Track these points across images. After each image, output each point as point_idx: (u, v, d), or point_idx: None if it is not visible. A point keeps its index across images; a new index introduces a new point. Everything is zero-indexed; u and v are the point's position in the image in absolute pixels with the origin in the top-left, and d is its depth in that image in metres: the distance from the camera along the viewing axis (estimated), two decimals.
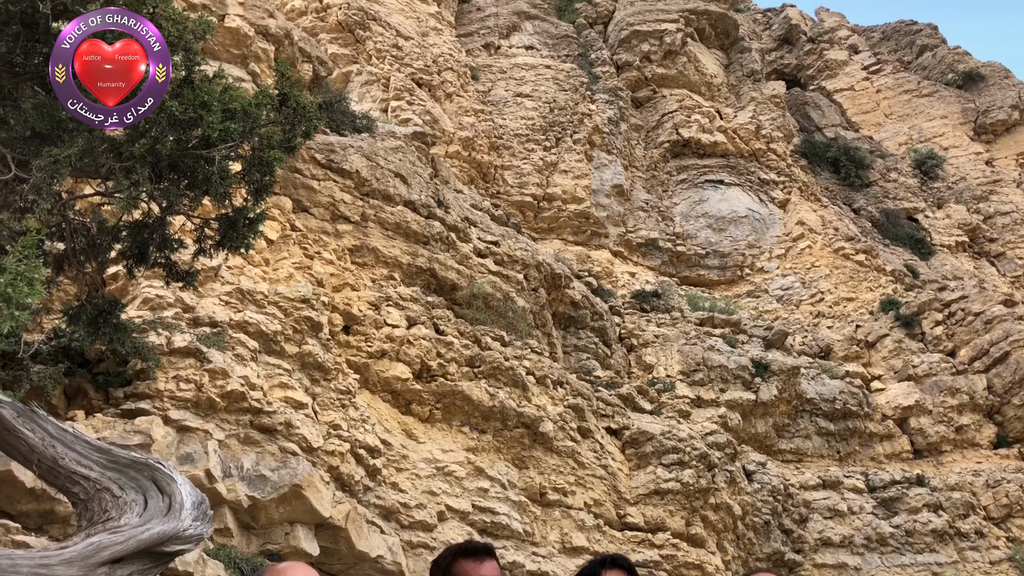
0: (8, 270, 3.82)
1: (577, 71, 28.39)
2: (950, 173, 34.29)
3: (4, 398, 5.65)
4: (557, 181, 25.27)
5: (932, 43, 43.00)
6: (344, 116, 18.42)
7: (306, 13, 24.48)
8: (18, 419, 4.86)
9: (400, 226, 15.83)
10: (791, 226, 26.90)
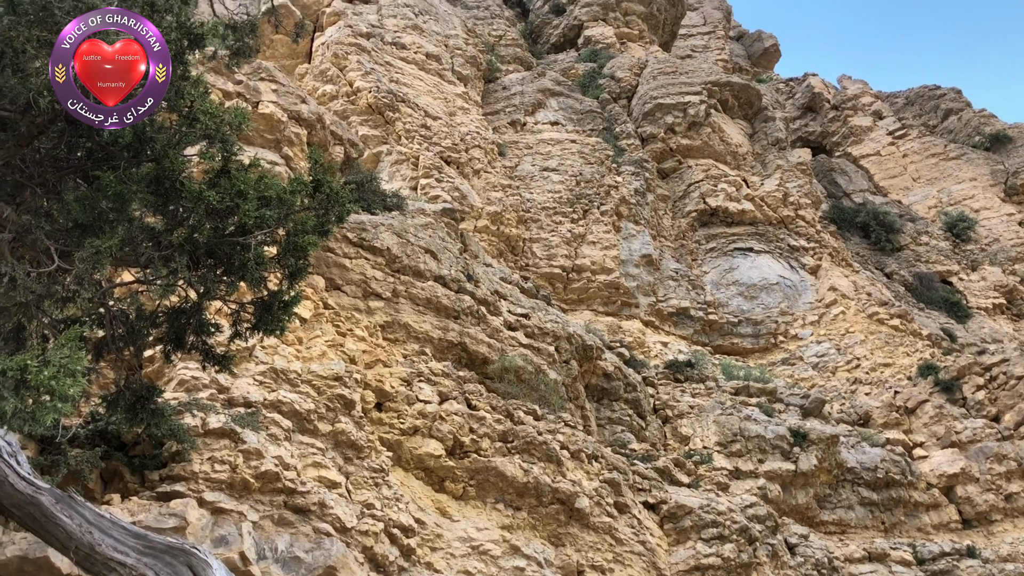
0: (52, 363, 3.91)
1: (602, 144, 28.76)
2: (982, 235, 33.98)
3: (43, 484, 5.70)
4: (585, 252, 25.39)
5: (957, 107, 43.12)
6: (375, 195, 18.78)
7: (337, 97, 25.17)
8: (56, 505, 4.90)
9: (431, 301, 15.94)
10: (823, 292, 26.69)
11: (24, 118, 5.16)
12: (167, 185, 5.36)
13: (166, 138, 5.38)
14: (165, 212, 5.50)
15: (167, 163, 5.33)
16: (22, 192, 5.40)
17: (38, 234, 5.12)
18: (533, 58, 35.03)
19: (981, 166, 37.58)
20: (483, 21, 35.08)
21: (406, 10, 29.69)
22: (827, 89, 43.99)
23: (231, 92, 16.19)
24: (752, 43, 52.24)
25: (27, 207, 5.34)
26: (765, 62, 50.99)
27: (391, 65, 26.92)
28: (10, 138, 5.27)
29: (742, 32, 53.89)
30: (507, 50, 33.92)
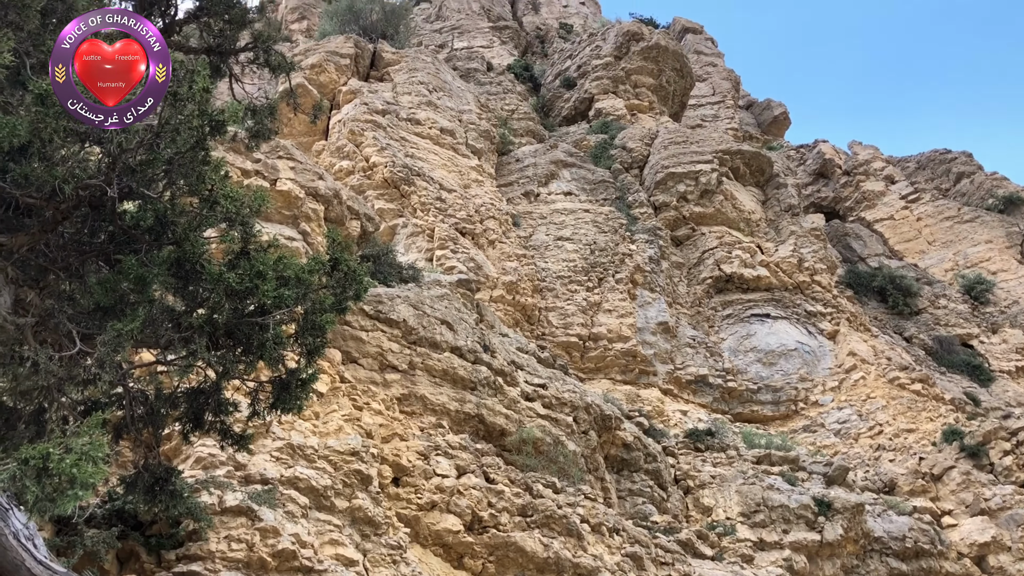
0: (74, 450, 3.93)
1: (615, 213, 28.97)
2: (1001, 297, 33.75)
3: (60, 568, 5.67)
4: (602, 321, 25.36)
5: (968, 170, 43.30)
6: (391, 268, 18.95)
7: (353, 172, 25.59)
8: None
9: (447, 373, 15.92)
10: (843, 357, 26.46)
11: (49, 204, 5.29)
12: (187, 267, 5.45)
13: (187, 221, 5.49)
14: (185, 294, 5.58)
15: (188, 246, 5.43)
16: (46, 276, 5.49)
17: (61, 318, 5.19)
18: (545, 131, 35.56)
19: (996, 228, 37.54)
20: (496, 96, 35.76)
21: (420, 87, 30.34)
22: (838, 155, 44.34)
23: (249, 170, 16.51)
24: (761, 111, 52.91)
25: (50, 291, 5.43)
26: (775, 130, 51.56)
27: (406, 140, 27.40)
28: (35, 224, 5.39)
29: (751, 101, 54.64)
30: (520, 123, 34.49)
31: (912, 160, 45.97)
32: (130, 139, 5.11)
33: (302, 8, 46.43)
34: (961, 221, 38.56)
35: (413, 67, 31.40)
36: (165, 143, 5.22)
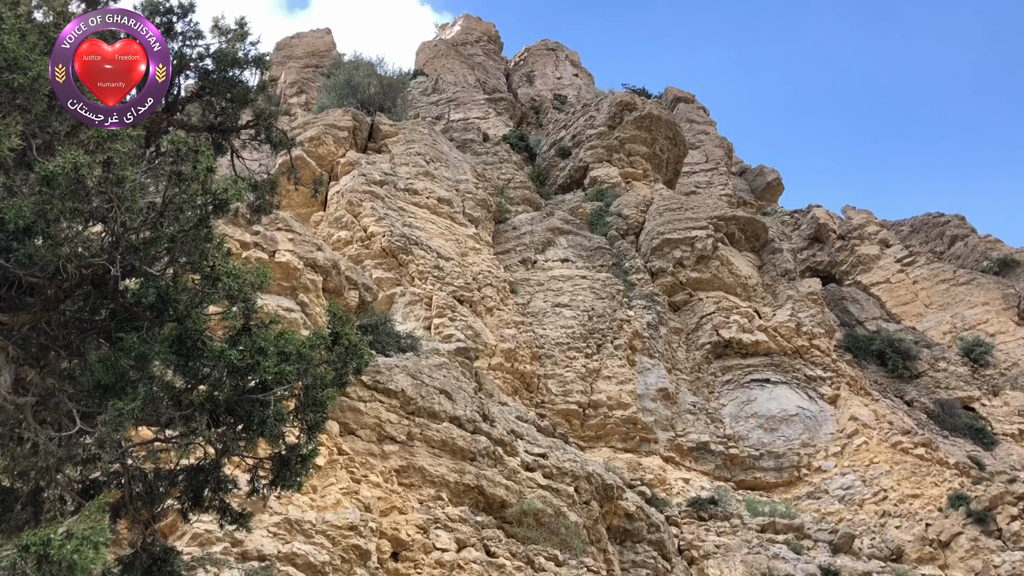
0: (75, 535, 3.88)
1: (613, 279, 29.09)
2: (1001, 359, 33.72)
3: None
4: (601, 388, 25.25)
5: (962, 233, 43.70)
6: (389, 337, 18.93)
7: (351, 242, 25.76)
8: None
9: (446, 443, 15.78)
10: (844, 422, 26.29)
11: (52, 283, 5.31)
12: (189, 344, 5.46)
13: (189, 298, 5.51)
14: (186, 370, 5.57)
15: (189, 323, 5.44)
16: (47, 355, 5.49)
17: (61, 397, 5.17)
18: (541, 199, 35.95)
19: (992, 291, 37.71)
20: (492, 166, 36.24)
21: (418, 158, 30.74)
22: (832, 219, 44.78)
23: (248, 242, 16.62)
24: (755, 178, 53.62)
25: (51, 370, 5.42)
26: (769, 195, 52.18)
27: (404, 210, 27.65)
28: (37, 303, 5.41)
29: (744, 167, 55.41)
30: (516, 192, 34.88)
31: (906, 224, 46.42)
32: (134, 218, 5.16)
33: (300, 82, 47.35)
34: (957, 284, 38.74)
35: (410, 138, 31.87)
36: (168, 221, 5.27)
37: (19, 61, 4.99)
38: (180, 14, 8.26)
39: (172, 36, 8.25)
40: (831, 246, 42.85)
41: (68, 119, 6.18)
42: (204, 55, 8.51)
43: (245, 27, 8.95)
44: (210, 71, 8.56)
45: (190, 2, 8.59)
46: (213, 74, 8.56)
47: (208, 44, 8.52)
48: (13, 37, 5.00)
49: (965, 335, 35.36)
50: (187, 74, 8.66)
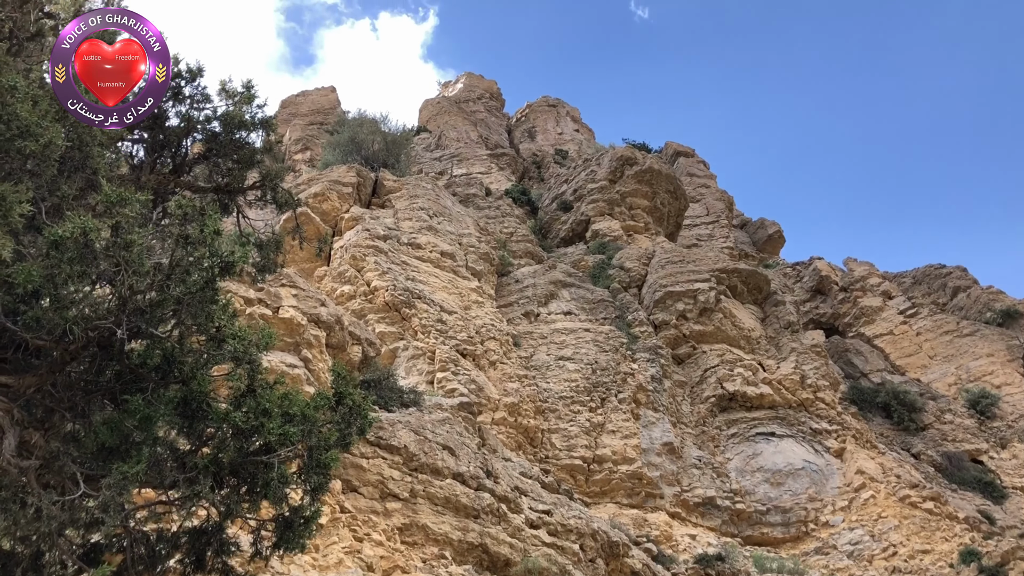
0: None
1: (616, 332, 29.08)
2: (1007, 411, 33.49)
3: None
4: (606, 442, 25.07)
5: (964, 284, 43.74)
6: (392, 392, 18.86)
7: (355, 297, 25.84)
8: None
9: (449, 500, 15.63)
10: (851, 476, 26.03)
11: (58, 345, 5.34)
12: (194, 406, 5.46)
13: (194, 360, 5.53)
14: (191, 432, 5.57)
15: (195, 384, 5.46)
16: (51, 417, 5.50)
17: (65, 460, 5.17)
18: (543, 252, 36.13)
19: (996, 342, 37.62)
20: (494, 220, 36.51)
21: (421, 213, 30.99)
22: (834, 272, 44.88)
23: (253, 299, 16.68)
24: (756, 230, 53.89)
25: (55, 432, 5.42)
26: (770, 248, 52.38)
27: (407, 264, 27.79)
28: (44, 365, 5.43)
29: (745, 220, 55.74)
30: (518, 245, 35.07)
31: (908, 275, 46.50)
32: (141, 280, 5.22)
33: (305, 139, 47.97)
34: (961, 335, 38.67)
35: (414, 193, 32.17)
36: (175, 283, 5.32)
37: (31, 128, 5.10)
38: (188, 78, 8.43)
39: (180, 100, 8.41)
40: (834, 298, 42.89)
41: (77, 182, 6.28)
42: (211, 118, 8.66)
43: (252, 90, 9.12)
44: (217, 133, 8.70)
45: (198, 67, 8.77)
46: (220, 136, 8.70)
47: (215, 107, 8.68)
48: (26, 105, 5.12)
49: (971, 387, 35.18)
50: (194, 136, 8.82)
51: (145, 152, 8.44)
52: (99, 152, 5.96)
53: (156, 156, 8.45)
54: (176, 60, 8.20)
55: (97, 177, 5.79)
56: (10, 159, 5.15)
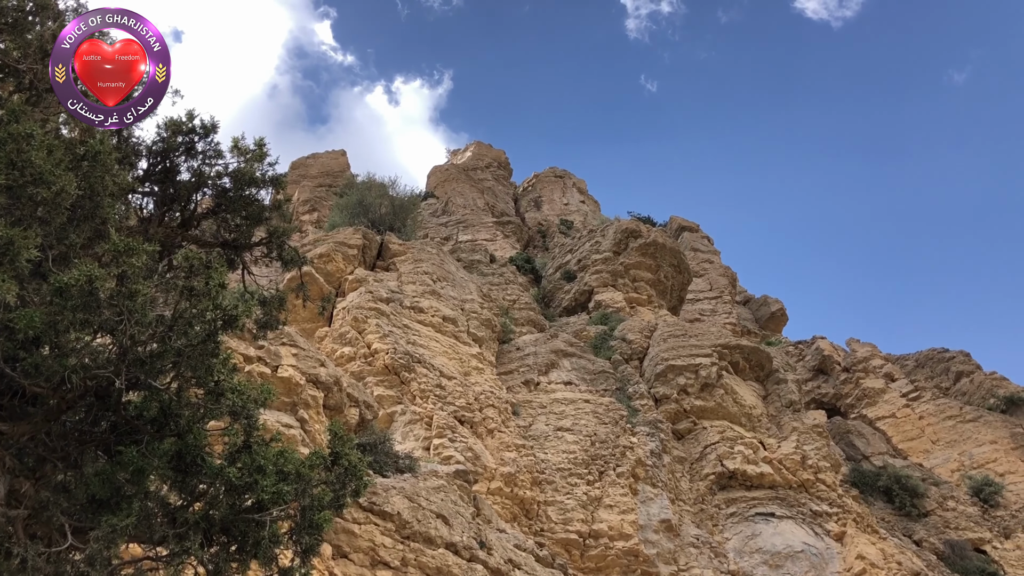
0: None
1: (616, 404, 28.85)
2: (1011, 500, 32.99)
3: None
4: (603, 517, 24.65)
5: (967, 369, 43.57)
6: (387, 457, 18.66)
7: (355, 359, 25.73)
8: None
9: (441, 570, 15.32)
10: (851, 560, 25.50)
11: (55, 393, 5.30)
12: (188, 460, 5.38)
13: (191, 413, 5.48)
14: (183, 487, 5.48)
15: (190, 438, 5.39)
16: (43, 466, 5.41)
17: (54, 511, 5.07)
18: (546, 320, 36.12)
19: (1000, 429, 37.28)
20: (497, 287, 36.61)
21: (425, 277, 31.09)
22: (836, 352, 44.76)
23: (252, 356, 16.63)
24: (759, 307, 53.96)
25: (46, 482, 5.33)
26: (773, 325, 52.36)
27: (409, 328, 27.75)
28: (39, 413, 5.38)
29: (748, 297, 55.86)
30: (521, 313, 35.09)
31: (911, 358, 46.35)
32: (143, 331, 5.20)
33: (313, 200, 48.48)
34: (964, 420, 38.34)
35: (418, 258, 32.33)
36: (177, 335, 5.30)
37: (44, 176, 5.15)
38: (202, 134, 8.53)
39: (193, 155, 8.51)
40: (836, 378, 42.68)
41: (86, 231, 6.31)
42: (222, 173, 8.75)
43: (264, 148, 9.23)
44: (227, 189, 8.78)
45: (212, 123, 8.89)
46: (230, 192, 8.77)
47: (227, 163, 8.77)
48: (41, 153, 5.17)
49: (974, 474, 34.74)
50: (204, 191, 8.90)
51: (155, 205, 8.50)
52: (110, 203, 6.00)
53: (165, 209, 8.51)
54: (191, 116, 8.33)
55: (106, 227, 5.82)
56: (21, 205, 5.18)
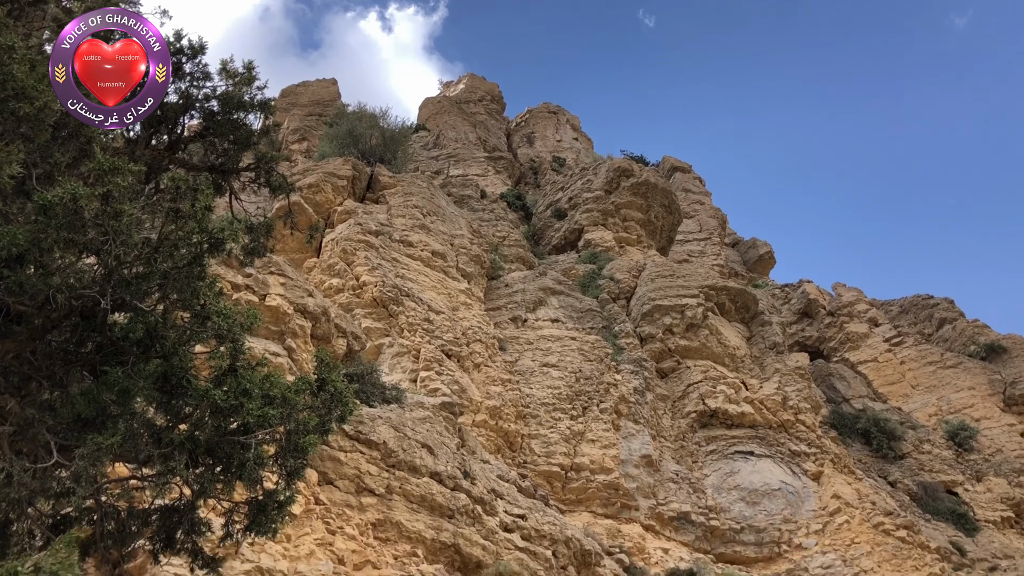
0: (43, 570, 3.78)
1: (602, 342, 29.06)
2: (985, 445, 33.66)
3: None
4: (585, 451, 25.03)
5: (950, 316, 44.00)
6: (374, 388, 18.79)
7: (343, 290, 25.74)
8: None
9: (425, 499, 15.56)
10: (827, 500, 26.07)
11: (40, 312, 5.28)
12: (173, 382, 5.40)
13: (177, 335, 5.47)
14: (169, 408, 5.51)
15: (176, 360, 5.40)
16: (28, 384, 5.42)
17: (40, 428, 5.10)
18: (535, 258, 36.12)
19: (979, 375, 37.83)
20: (488, 223, 36.49)
21: (415, 210, 30.93)
22: (822, 296, 45.06)
23: (240, 284, 16.59)
24: (747, 250, 54.07)
25: (31, 400, 5.35)
26: (760, 268, 52.54)
27: (397, 261, 27.72)
28: (24, 331, 5.37)
29: (737, 239, 55.92)
30: (510, 250, 35.05)
31: (895, 304, 46.72)
32: (128, 252, 5.16)
33: (303, 130, 47.85)
34: (944, 367, 38.86)
35: (409, 191, 32.11)
36: (163, 257, 5.26)
37: (27, 91, 5.04)
38: (190, 55, 8.36)
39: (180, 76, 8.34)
40: (820, 322, 43.04)
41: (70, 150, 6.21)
42: (210, 96, 8.59)
43: (253, 71, 9.06)
44: (215, 112, 8.64)
45: (200, 44, 8.71)
46: (218, 115, 8.63)
47: (215, 86, 8.62)
48: (23, 67, 5.06)
49: (951, 419, 35.36)
50: (192, 114, 8.75)
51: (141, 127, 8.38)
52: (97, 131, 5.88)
53: (152, 131, 8.38)
54: (179, 35, 8.15)
55: (91, 146, 5.73)
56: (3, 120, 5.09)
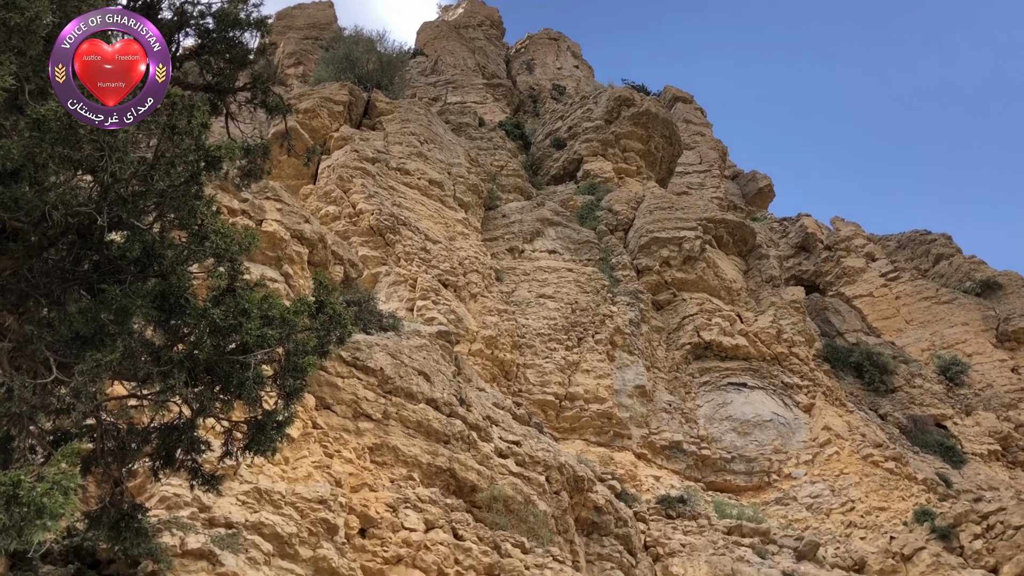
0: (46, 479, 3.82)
1: (598, 274, 29.10)
2: (976, 380, 34.03)
3: None
4: (579, 380, 25.28)
5: (947, 252, 44.04)
6: (371, 315, 18.83)
7: (340, 218, 25.62)
8: None
9: (421, 424, 15.74)
10: (817, 431, 26.46)
11: (36, 229, 5.23)
12: (172, 301, 5.39)
13: (174, 255, 5.44)
14: (167, 327, 5.50)
15: (174, 279, 5.37)
16: (26, 302, 5.41)
17: (38, 344, 5.10)
18: (533, 188, 35.88)
19: (973, 311, 38.03)
20: (486, 152, 36.13)
21: (412, 138, 30.60)
22: (820, 230, 45.00)
23: (236, 209, 16.48)
24: (747, 183, 53.78)
25: (30, 317, 5.34)
26: (759, 201, 52.35)
27: (394, 189, 27.53)
28: (20, 248, 5.32)
29: (737, 172, 55.58)
30: (508, 180, 34.79)
31: (893, 239, 46.71)
32: (124, 169, 5.08)
33: (299, 53, 47.00)
34: (939, 302, 39.03)
35: (406, 118, 31.71)
36: (159, 175, 5.19)
37: (17, 1, 4.90)
38: None
39: None
40: (817, 256, 43.07)
41: None
42: (205, 13, 8.40)
43: None
44: (210, 30, 8.45)
45: None
46: (213, 33, 8.45)
47: (210, 2, 8.42)
48: None
49: (943, 353, 35.66)
50: (187, 32, 8.56)
51: None
52: None
53: None
54: None
55: None
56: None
